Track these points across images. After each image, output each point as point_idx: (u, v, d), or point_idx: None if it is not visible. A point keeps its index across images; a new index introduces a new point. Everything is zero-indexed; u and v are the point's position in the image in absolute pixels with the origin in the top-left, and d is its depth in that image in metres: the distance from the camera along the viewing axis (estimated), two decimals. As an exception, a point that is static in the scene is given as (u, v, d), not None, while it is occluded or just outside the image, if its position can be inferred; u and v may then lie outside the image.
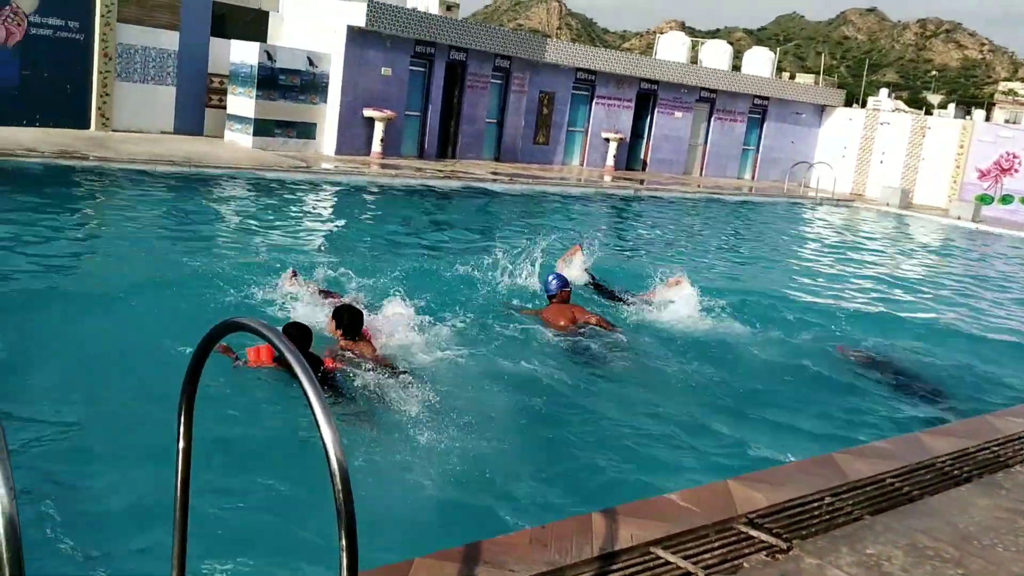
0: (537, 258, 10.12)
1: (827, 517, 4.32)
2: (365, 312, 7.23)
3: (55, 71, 18.19)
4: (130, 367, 6.36)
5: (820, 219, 24.30)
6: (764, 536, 4.01)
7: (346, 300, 7.73)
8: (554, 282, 9.05)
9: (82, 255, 9.86)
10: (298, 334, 6.17)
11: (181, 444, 2.98)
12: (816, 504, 4.45)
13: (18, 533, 1.86)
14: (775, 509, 4.32)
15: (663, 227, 18.90)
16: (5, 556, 1.83)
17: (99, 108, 18.89)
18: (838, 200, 28.13)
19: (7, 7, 17.36)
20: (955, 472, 5.09)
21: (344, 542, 2.28)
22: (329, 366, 6.24)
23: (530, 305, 9.32)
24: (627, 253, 13.81)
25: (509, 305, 9.27)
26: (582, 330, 8.54)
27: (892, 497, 4.64)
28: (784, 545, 3.95)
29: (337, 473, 2.29)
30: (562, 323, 8.57)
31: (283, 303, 7.90)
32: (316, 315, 7.41)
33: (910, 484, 4.84)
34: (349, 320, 6.83)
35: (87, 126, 18.82)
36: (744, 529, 4.07)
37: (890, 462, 5.11)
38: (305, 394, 2.38)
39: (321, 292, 8.17)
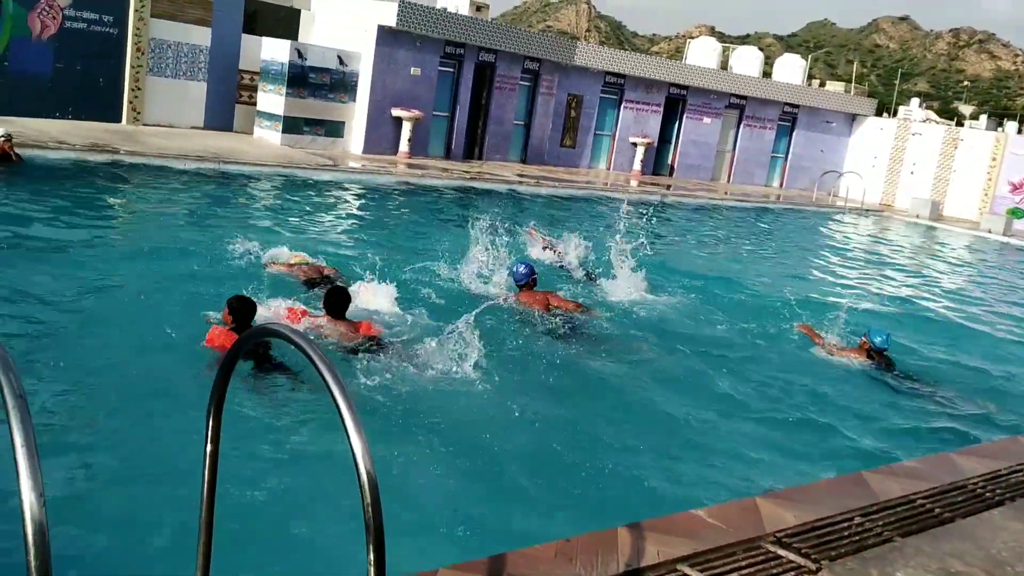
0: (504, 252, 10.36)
1: (856, 538, 4.24)
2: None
3: (88, 65, 18.35)
4: (153, 365, 6.37)
5: (849, 229, 24.08)
6: (792, 556, 3.94)
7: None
8: (521, 269, 9.29)
9: (108, 248, 9.90)
10: (239, 306, 6.42)
11: (208, 447, 2.96)
12: (845, 524, 4.37)
13: (47, 539, 1.85)
14: (804, 528, 4.25)
15: (688, 233, 18.78)
16: (33, 564, 1.81)
17: (131, 102, 19.03)
18: (867, 210, 27.88)
19: (43, 0, 17.52)
20: (987, 494, 5.00)
21: (372, 556, 2.25)
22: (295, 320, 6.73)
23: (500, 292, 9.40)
24: (650, 256, 13.69)
25: (480, 295, 9.31)
26: (557, 317, 8.64)
27: (923, 519, 4.56)
28: (813, 566, 3.88)
29: (366, 485, 2.26)
30: (536, 310, 8.69)
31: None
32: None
33: (941, 506, 4.76)
34: (336, 300, 7.12)
35: (118, 120, 18.97)
36: (772, 548, 4.01)
37: (921, 482, 5.02)
38: (336, 404, 2.35)
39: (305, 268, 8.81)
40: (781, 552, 3.97)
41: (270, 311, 7.07)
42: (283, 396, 6.00)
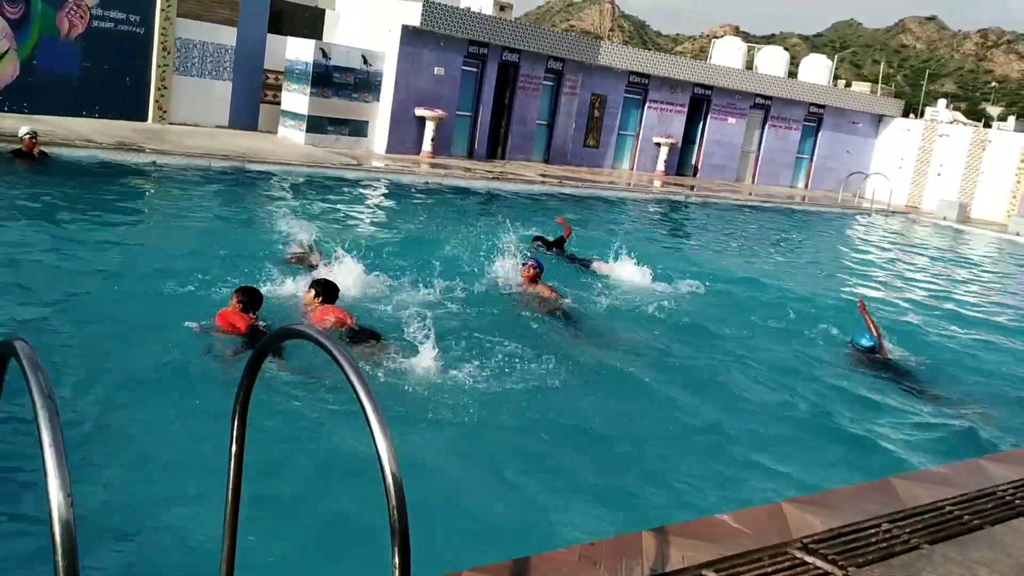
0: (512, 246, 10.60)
1: (884, 544, 4.19)
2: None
3: (115, 64, 18.51)
4: (175, 363, 6.40)
5: (874, 231, 23.86)
6: (819, 562, 3.90)
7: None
8: (528, 262, 9.75)
9: (132, 244, 9.96)
10: (250, 299, 6.92)
11: (234, 448, 2.97)
12: (873, 530, 4.32)
13: (74, 539, 1.85)
14: (831, 534, 4.20)
15: (713, 234, 18.69)
16: (61, 564, 1.81)
17: (156, 101, 19.18)
18: (893, 212, 27.62)
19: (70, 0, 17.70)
20: (1017, 502, 4.92)
21: (397, 560, 2.24)
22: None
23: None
24: (674, 258, 13.64)
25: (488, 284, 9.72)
26: (562, 313, 9.05)
27: (951, 526, 4.49)
28: (840, 573, 3.83)
29: (392, 488, 2.25)
30: (536, 304, 9.11)
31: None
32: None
33: (970, 513, 4.69)
34: (323, 290, 7.53)
35: (144, 118, 19.12)
36: (798, 554, 3.96)
37: (950, 489, 4.95)
38: (362, 405, 2.34)
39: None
40: (808, 558, 3.93)
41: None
42: (302, 394, 6.00)
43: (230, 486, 2.92)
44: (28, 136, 13.07)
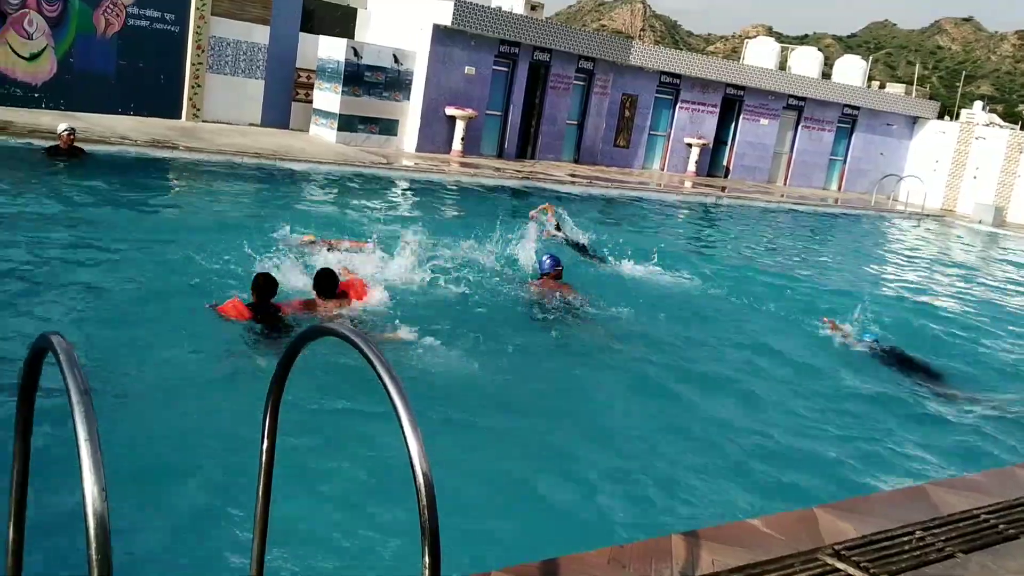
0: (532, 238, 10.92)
1: (918, 552, 4.13)
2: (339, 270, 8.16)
3: (150, 62, 18.71)
4: (204, 355, 6.45)
5: (908, 234, 23.58)
6: (851, 570, 3.85)
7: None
8: (548, 261, 9.70)
9: (166, 242, 10.05)
10: (264, 283, 7.18)
11: (265, 444, 2.98)
12: (906, 538, 4.26)
13: (108, 533, 1.86)
14: (863, 541, 4.15)
15: (744, 235, 18.55)
16: (95, 558, 1.82)
17: (190, 99, 19.36)
18: (928, 215, 27.28)
19: (108, -1, 17.92)
20: (1054, 511, 4.84)
21: (427, 559, 2.23)
22: (286, 311, 7.26)
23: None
24: (704, 259, 13.55)
25: (504, 275, 9.84)
26: (580, 309, 9.11)
27: (987, 534, 4.43)
28: (872, 580, 3.78)
29: (423, 487, 2.24)
30: (552, 302, 9.14)
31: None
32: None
33: (1006, 521, 4.61)
34: (320, 281, 7.67)
35: (178, 116, 19.31)
36: (830, 561, 3.92)
37: (984, 497, 4.88)
38: (393, 404, 2.34)
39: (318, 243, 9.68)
40: (839, 565, 3.88)
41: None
42: (329, 392, 6.02)
43: (261, 481, 2.93)
44: (66, 133, 13.26)
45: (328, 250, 9.50)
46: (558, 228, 12.58)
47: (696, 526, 3.99)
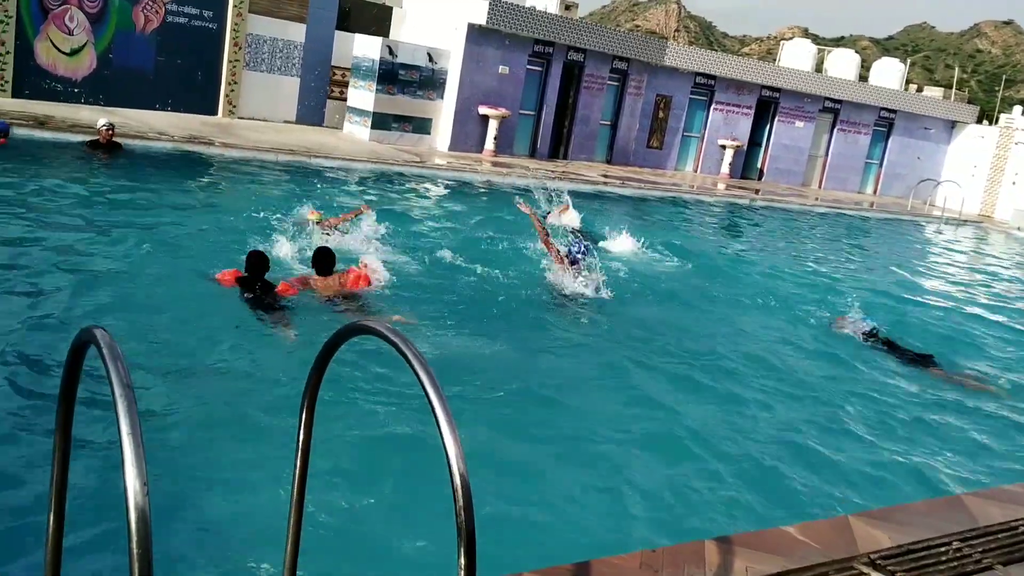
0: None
1: (955, 563, 4.06)
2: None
3: (188, 58, 18.90)
4: (239, 347, 6.49)
5: (946, 240, 23.25)
6: (887, 579, 3.80)
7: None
8: (575, 248, 10.21)
9: (202, 237, 10.16)
10: (256, 261, 7.66)
11: (301, 437, 2.99)
12: (943, 548, 4.20)
13: (149, 527, 1.87)
14: (899, 551, 4.09)
15: (779, 238, 18.39)
16: (136, 552, 1.83)
17: (227, 96, 19.54)
18: (965, 221, 26.89)
19: (148, -5, 18.13)
20: (1097, 524, 4.74)
21: (463, 560, 2.22)
22: (281, 291, 7.69)
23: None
24: (739, 262, 13.46)
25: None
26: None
27: (1027, 547, 4.35)
28: (909, 591, 3.73)
29: (459, 488, 2.23)
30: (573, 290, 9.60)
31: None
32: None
33: (1047, 534, 4.52)
34: (317, 259, 8.11)
35: (215, 113, 19.49)
36: (865, 570, 3.86)
37: (1023, 508, 4.79)
38: (431, 404, 2.33)
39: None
40: (875, 575, 3.83)
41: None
42: (363, 390, 6.04)
43: (296, 477, 2.94)
44: (105, 128, 13.47)
45: (334, 229, 10.21)
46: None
47: (730, 532, 3.95)
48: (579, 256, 10.02)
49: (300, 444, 2.93)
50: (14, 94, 16.68)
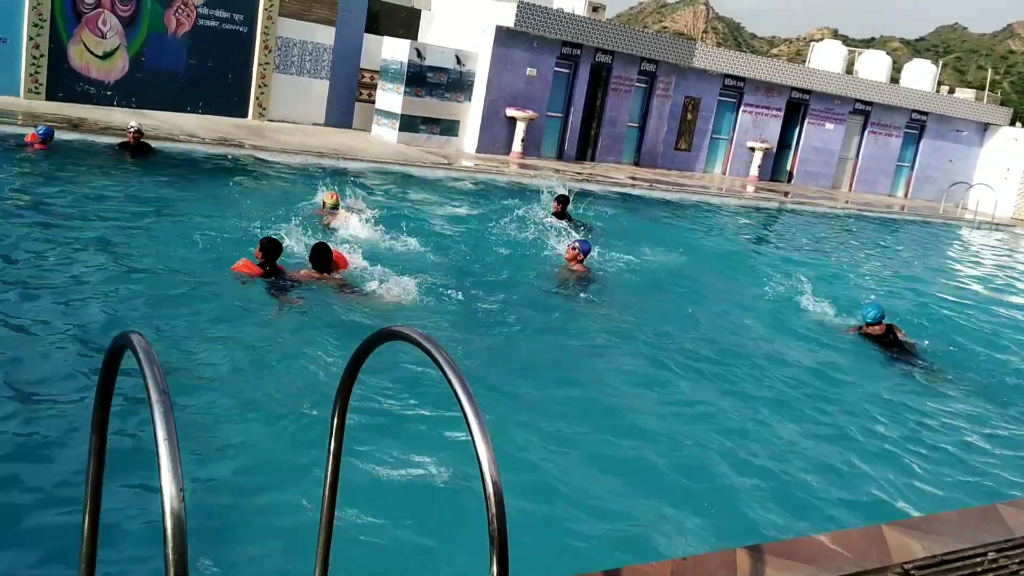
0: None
1: (990, 574, 4.01)
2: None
3: (218, 61, 19.07)
4: (280, 354, 6.53)
5: (978, 243, 22.96)
6: (922, 590, 3.75)
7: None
8: (579, 245, 10.60)
9: (231, 237, 10.24)
10: (269, 246, 8.07)
11: (332, 445, 2.99)
12: (978, 559, 4.14)
13: (184, 532, 1.87)
14: (932, 561, 4.04)
15: (809, 242, 18.23)
16: (171, 557, 1.84)
17: (257, 98, 19.68)
18: (998, 224, 26.54)
19: (179, -1, 18.32)
20: None
21: (495, 568, 2.22)
22: (289, 275, 8.22)
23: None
24: (765, 264, 13.35)
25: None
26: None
27: (1064, 559, 4.27)
28: (944, 602, 3.67)
29: (492, 496, 2.22)
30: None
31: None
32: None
33: (1085, 546, 4.44)
34: (314, 255, 8.41)
35: (245, 115, 19.64)
36: (899, 580, 3.82)
37: (1061, 519, 4.71)
38: (463, 410, 2.32)
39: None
40: (909, 585, 3.78)
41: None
42: (391, 396, 6.05)
43: (327, 482, 2.94)
44: (134, 130, 13.64)
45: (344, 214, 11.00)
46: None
47: (761, 540, 3.91)
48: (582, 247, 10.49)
49: (331, 450, 2.94)
50: (48, 97, 16.91)
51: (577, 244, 10.52)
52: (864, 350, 9.18)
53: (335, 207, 11.37)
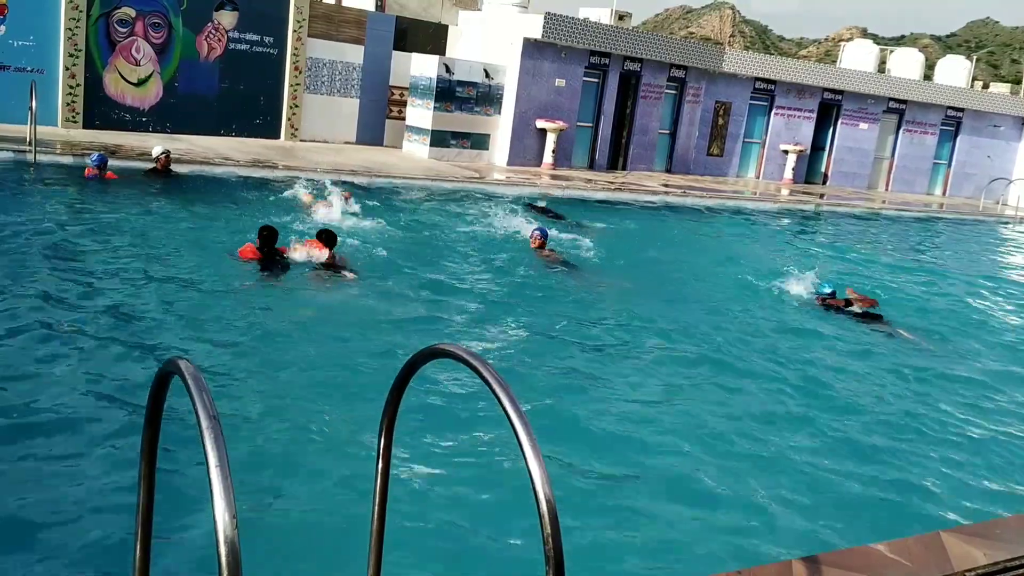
0: None
1: (1057, 581, 3.88)
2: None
3: (250, 84, 19.28)
4: (325, 374, 6.54)
5: (1020, 239, 22.54)
6: (986, 599, 3.64)
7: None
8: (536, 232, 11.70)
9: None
10: (268, 233, 9.31)
11: (380, 465, 2.97)
12: (1043, 565, 4.01)
13: (239, 559, 1.86)
14: (995, 569, 3.92)
15: (849, 244, 18.00)
16: (227, 585, 1.82)
17: (289, 119, 19.86)
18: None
19: (209, 24, 18.54)
20: None
21: (552, 587, 2.17)
22: (290, 251, 9.45)
23: None
24: (799, 269, 13.19)
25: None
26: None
27: None
28: (1010, 611, 3.57)
29: (546, 515, 2.18)
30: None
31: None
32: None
33: None
34: (323, 232, 9.72)
35: (277, 136, 19.82)
36: (962, 589, 3.71)
37: None
38: (513, 427, 2.29)
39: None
40: (972, 594, 3.67)
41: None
42: (440, 413, 6.02)
43: (376, 502, 2.92)
44: (163, 155, 13.84)
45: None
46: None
47: (817, 550, 3.83)
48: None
49: (379, 469, 2.92)
50: (85, 125, 17.18)
51: (536, 232, 11.56)
52: (921, 357, 9.02)
53: (319, 198, 12.80)
